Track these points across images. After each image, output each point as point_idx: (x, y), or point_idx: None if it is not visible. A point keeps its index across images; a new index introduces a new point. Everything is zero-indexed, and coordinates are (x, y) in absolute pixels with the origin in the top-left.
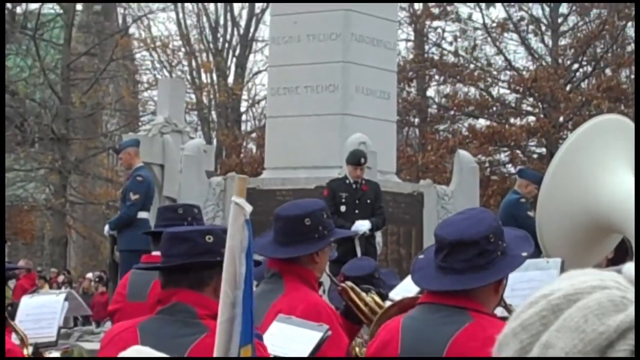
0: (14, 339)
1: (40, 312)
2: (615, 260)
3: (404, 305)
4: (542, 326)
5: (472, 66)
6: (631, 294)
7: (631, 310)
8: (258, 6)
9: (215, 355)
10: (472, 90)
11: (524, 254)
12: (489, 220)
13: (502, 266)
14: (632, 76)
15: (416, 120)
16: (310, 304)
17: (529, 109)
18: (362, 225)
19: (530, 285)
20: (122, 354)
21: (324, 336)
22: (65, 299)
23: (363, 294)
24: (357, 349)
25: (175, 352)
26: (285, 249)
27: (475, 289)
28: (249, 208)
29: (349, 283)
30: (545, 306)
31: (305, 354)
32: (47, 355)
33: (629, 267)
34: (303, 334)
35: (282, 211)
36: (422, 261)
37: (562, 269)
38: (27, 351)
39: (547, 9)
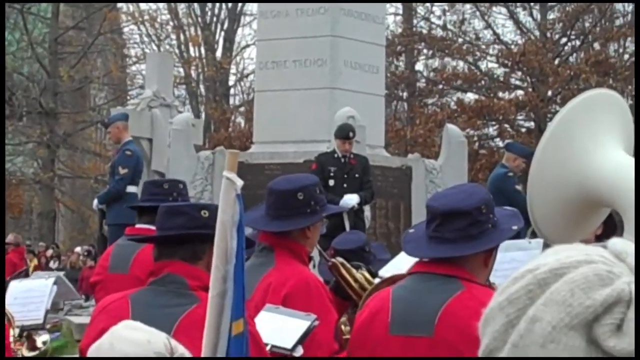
0: None
1: (28, 296)
2: (604, 235)
3: (395, 281)
4: (528, 300)
5: (460, 40)
6: (617, 268)
7: (617, 285)
8: None
9: (206, 329)
10: (461, 64)
11: (514, 227)
12: (481, 193)
13: (493, 237)
14: (621, 50)
15: (405, 94)
16: (301, 279)
17: (518, 83)
18: (351, 199)
19: (512, 266)
20: (113, 329)
21: (312, 325)
22: (55, 283)
23: (353, 271)
24: (342, 327)
25: (165, 322)
26: (277, 222)
27: (465, 259)
28: (240, 183)
29: (340, 259)
30: (532, 280)
31: (292, 343)
32: (36, 335)
33: (614, 242)
34: (290, 323)
35: (275, 185)
36: (413, 234)
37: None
38: (13, 332)
39: None
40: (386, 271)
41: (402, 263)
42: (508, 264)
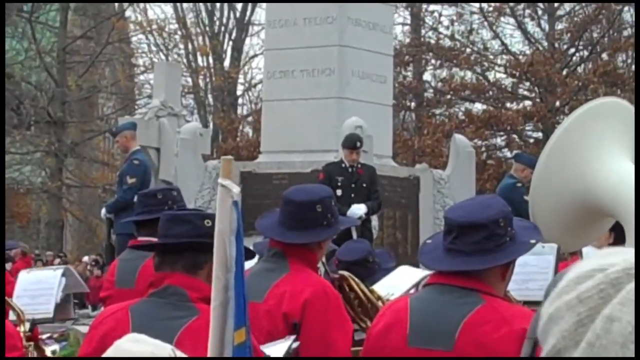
0: (11, 315)
1: (37, 288)
2: (615, 244)
3: None
4: (600, 299)
5: (468, 50)
6: None
7: None
8: None
9: (210, 340)
10: (469, 74)
11: (533, 240)
12: (500, 205)
13: (510, 251)
14: (629, 61)
15: (412, 104)
16: (318, 286)
17: (526, 93)
18: (359, 209)
19: (524, 270)
20: (117, 342)
21: (292, 345)
22: (63, 275)
23: (362, 285)
24: None
25: (165, 334)
26: (294, 233)
27: (483, 272)
28: (236, 189)
29: (347, 272)
30: (603, 279)
31: None
32: (43, 338)
33: None
34: (273, 348)
35: (293, 196)
36: (430, 245)
37: (558, 255)
38: (24, 328)
39: None
40: (381, 287)
41: (396, 282)
42: (521, 268)
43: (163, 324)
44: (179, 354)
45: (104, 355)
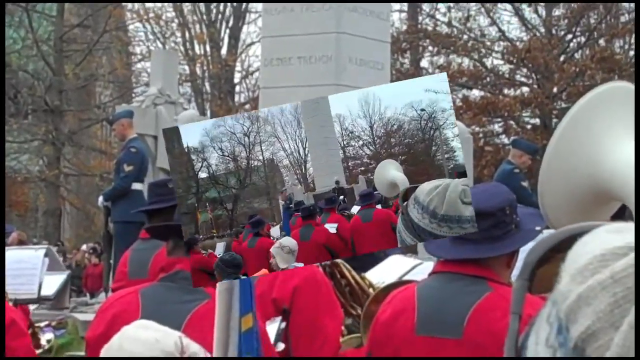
0: None
1: (19, 267)
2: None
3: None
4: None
5: (465, 37)
6: None
7: None
8: None
9: (216, 326)
10: (466, 61)
11: (538, 228)
12: (505, 193)
13: (517, 238)
14: (626, 47)
15: None
16: (309, 273)
17: (523, 79)
18: None
19: (524, 257)
20: (124, 328)
21: (280, 325)
22: (45, 255)
23: (354, 272)
24: None
25: (175, 317)
26: None
27: (490, 260)
28: None
29: (339, 260)
30: None
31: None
32: (42, 326)
33: None
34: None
35: None
36: None
37: None
38: None
39: None
40: (371, 276)
41: (386, 271)
42: (521, 254)
43: (173, 307)
44: (186, 341)
45: (111, 341)
